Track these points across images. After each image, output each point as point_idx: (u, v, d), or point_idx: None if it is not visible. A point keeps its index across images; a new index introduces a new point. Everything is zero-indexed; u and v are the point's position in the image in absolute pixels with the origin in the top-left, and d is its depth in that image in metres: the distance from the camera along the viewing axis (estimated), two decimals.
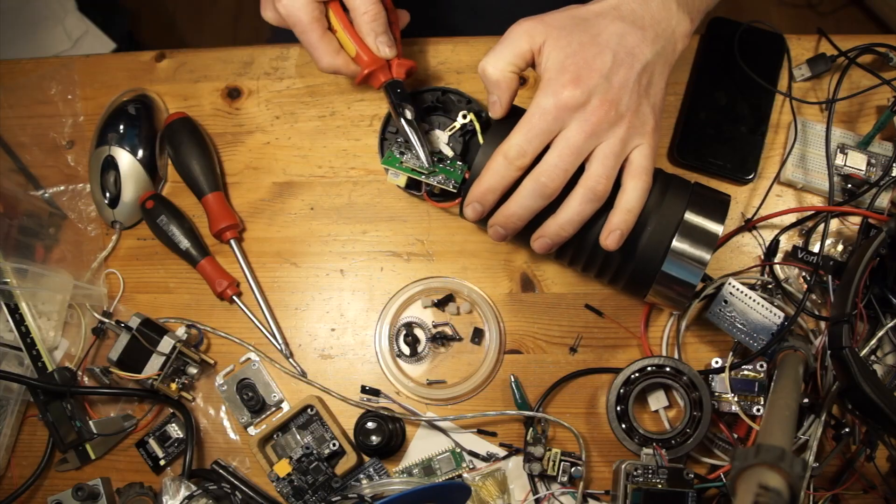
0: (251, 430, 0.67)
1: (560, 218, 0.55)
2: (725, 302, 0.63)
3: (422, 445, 0.65)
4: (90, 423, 0.65)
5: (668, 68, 0.57)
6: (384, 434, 0.63)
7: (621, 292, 0.64)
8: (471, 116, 0.63)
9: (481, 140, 0.61)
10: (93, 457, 0.66)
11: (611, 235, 0.54)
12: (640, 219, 0.56)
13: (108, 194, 0.70)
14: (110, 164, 0.70)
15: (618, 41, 0.53)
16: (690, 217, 0.56)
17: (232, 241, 0.69)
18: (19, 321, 0.67)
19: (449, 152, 0.62)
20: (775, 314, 0.63)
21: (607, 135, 0.53)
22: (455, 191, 0.61)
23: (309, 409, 0.65)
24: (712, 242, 0.55)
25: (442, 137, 0.63)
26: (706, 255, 0.55)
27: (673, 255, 0.56)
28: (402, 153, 0.62)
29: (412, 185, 0.63)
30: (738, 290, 0.63)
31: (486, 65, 0.56)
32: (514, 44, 0.55)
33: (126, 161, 0.70)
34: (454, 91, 0.68)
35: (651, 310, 0.66)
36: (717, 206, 0.57)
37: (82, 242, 0.72)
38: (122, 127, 0.70)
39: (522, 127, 0.54)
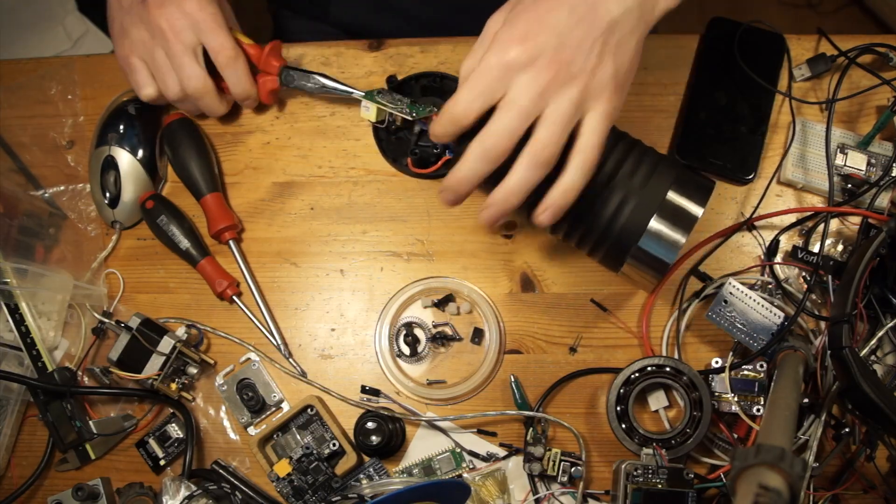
0: (251, 430, 0.67)
1: (505, 187, 0.51)
2: (725, 302, 0.63)
3: (422, 445, 0.65)
4: (90, 423, 0.65)
5: (644, 26, 0.51)
6: (384, 434, 0.63)
7: (599, 263, 0.63)
8: None
9: None
10: (93, 457, 0.66)
11: (545, 212, 0.52)
12: (624, 193, 0.55)
13: (108, 194, 0.70)
14: (110, 164, 0.70)
15: None
16: (673, 197, 0.55)
17: (231, 242, 0.69)
18: (19, 321, 0.67)
19: None
20: (775, 314, 0.63)
21: (557, 96, 0.48)
22: (411, 118, 0.65)
23: (309, 409, 0.65)
24: (690, 226, 0.55)
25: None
26: (681, 238, 0.55)
27: (650, 234, 0.55)
28: (379, 93, 0.66)
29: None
30: (738, 290, 0.63)
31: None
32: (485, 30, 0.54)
33: (126, 161, 0.70)
34: (453, 77, 0.69)
35: (651, 310, 0.66)
36: (700, 191, 0.56)
37: (82, 242, 0.72)
38: (122, 127, 0.70)
39: (467, 85, 0.50)
